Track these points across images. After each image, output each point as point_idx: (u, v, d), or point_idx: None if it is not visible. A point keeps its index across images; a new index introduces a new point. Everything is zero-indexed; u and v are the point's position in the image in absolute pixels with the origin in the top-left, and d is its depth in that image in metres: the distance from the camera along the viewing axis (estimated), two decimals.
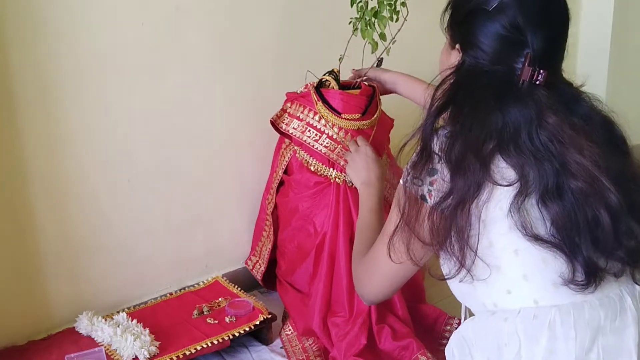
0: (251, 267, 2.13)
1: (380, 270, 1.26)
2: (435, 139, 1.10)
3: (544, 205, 1.05)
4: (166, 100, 1.93)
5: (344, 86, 1.89)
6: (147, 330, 1.76)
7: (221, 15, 1.98)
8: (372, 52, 1.81)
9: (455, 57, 1.19)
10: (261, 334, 1.92)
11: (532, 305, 1.08)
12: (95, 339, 1.76)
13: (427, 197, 1.11)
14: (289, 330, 1.93)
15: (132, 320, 1.80)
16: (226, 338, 1.80)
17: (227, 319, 1.88)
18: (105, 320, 1.81)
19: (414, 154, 1.14)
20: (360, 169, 1.63)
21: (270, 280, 2.11)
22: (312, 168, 1.89)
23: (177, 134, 1.98)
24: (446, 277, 1.14)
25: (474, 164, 1.05)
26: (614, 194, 1.04)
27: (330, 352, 1.85)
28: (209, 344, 1.77)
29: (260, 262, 2.10)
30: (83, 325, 1.80)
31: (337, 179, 1.87)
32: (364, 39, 1.80)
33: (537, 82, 1.09)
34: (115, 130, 1.86)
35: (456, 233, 1.07)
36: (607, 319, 1.07)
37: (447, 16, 1.23)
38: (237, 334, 1.83)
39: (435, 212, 1.09)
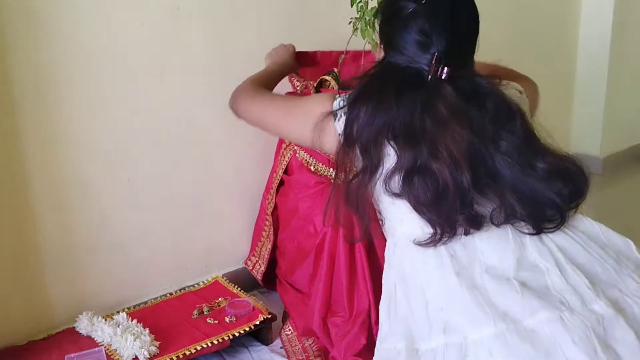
0: (251, 267, 2.13)
1: (262, 112, 1.54)
2: (355, 121, 1.31)
3: (405, 178, 1.25)
4: (166, 100, 1.93)
5: (343, 86, 1.89)
6: (147, 330, 1.76)
7: (221, 15, 1.98)
8: (372, 52, 1.81)
9: (381, 52, 1.39)
10: (261, 334, 1.92)
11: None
12: (95, 339, 1.76)
13: (338, 122, 1.34)
14: (289, 330, 1.93)
15: (132, 320, 1.80)
16: (226, 338, 1.80)
17: (227, 319, 1.88)
18: (105, 320, 1.81)
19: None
20: (275, 54, 1.88)
21: (270, 280, 2.11)
22: (312, 168, 1.89)
23: (177, 133, 1.98)
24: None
25: (372, 148, 1.27)
26: (466, 177, 1.21)
27: (330, 352, 1.85)
28: (209, 344, 1.77)
29: (260, 262, 2.10)
30: (83, 325, 1.80)
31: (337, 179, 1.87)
32: (364, 39, 1.80)
33: (443, 77, 1.26)
34: (115, 130, 1.86)
35: (361, 199, 1.33)
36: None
37: (379, 18, 1.42)
38: (237, 334, 1.83)
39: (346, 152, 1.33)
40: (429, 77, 1.27)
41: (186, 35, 1.92)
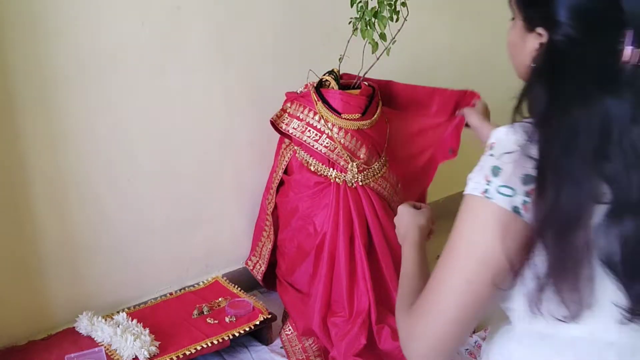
0: (251, 268, 2.13)
1: (442, 316, 0.96)
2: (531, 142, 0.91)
3: (615, 221, 0.88)
4: (166, 100, 1.93)
5: (343, 86, 1.89)
6: (147, 330, 1.76)
7: (221, 15, 1.98)
8: (372, 52, 1.81)
9: (532, 42, 0.98)
10: (261, 334, 1.92)
11: (586, 336, 0.93)
12: (95, 339, 1.76)
13: (522, 209, 0.90)
14: (289, 330, 1.93)
15: (132, 320, 1.80)
16: (226, 338, 1.80)
17: (227, 319, 1.88)
18: (105, 320, 1.81)
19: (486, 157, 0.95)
20: (403, 224, 1.34)
21: (270, 280, 2.11)
22: (312, 168, 1.89)
23: (177, 133, 1.98)
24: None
25: (585, 174, 0.87)
26: None
27: (330, 352, 1.85)
28: (209, 344, 1.77)
29: (260, 262, 2.10)
30: (83, 325, 1.80)
31: (337, 179, 1.87)
32: (364, 39, 1.80)
33: None
34: (115, 130, 1.86)
35: (570, 267, 0.89)
36: None
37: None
38: (237, 334, 1.83)
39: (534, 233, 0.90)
40: (627, 65, 0.88)
41: (186, 35, 1.92)
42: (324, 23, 2.18)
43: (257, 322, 1.87)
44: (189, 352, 1.73)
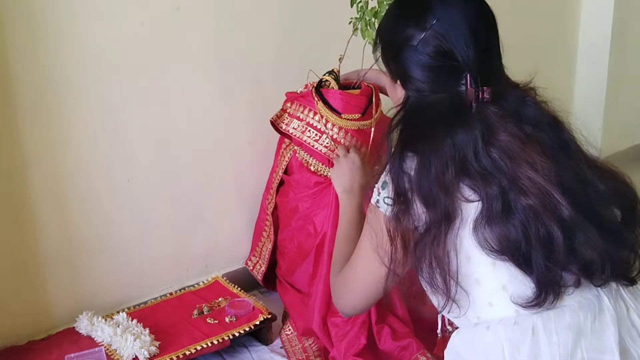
0: (251, 268, 2.13)
1: (356, 281, 1.28)
2: (404, 177, 1.13)
3: (489, 227, 1.07)
4: (166, 100, 1.93)
5: (344, 86, 1.89)
6: (147, 330, 1.76)
7: (221, 15, 1.98)
8: (373, 52, 1.81)
9: (400, 90, 1.21)
10: (261, 334, 1.92)
11: (513, 314, 1.11)
12: (95, 339, 1.76)
13: (383, 193, 1.18)
14: (289, 330, 1.93)
15: (132, 320, 1.80)
16: (226, 338, 1.80)
17: (227, 319, 1.88)
18: (105, 320, 1.81)
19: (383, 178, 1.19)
20: (344, 175, 1.61)
21: (270, 280, 2.11)
22: (312, 168, 1.89)
23: (177, 134, 1.98)
24: (439, 310, 1.18)
25: (441, 197, 1.08)
26: (565, 207, 1.05)
27: (330, 352, 1.85)
28: (209, 344, 1.77)
29: (260, 262, 2.10)
30: (83, 325, 1.80)
31: None
32: (364, 39, 1.80)
33: (485, 100, 1.11)
34: (115, 130, 1.86)
35: (437, 265, 1.10)
36: (587, 320, 1.09)
37: (379, 52, 1.25)
38: (237, 334, 1.83)
39: (409, 232, 1.14)
40: (472, 103, 1.11)
41: (186, 35, 1.92)
42: (324, 23, 2.18)
43: (257, 322, 1.87)
44: (189, 352, 1.73)
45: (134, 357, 1.68)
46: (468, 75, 1.11)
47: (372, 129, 1.86)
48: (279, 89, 1.99)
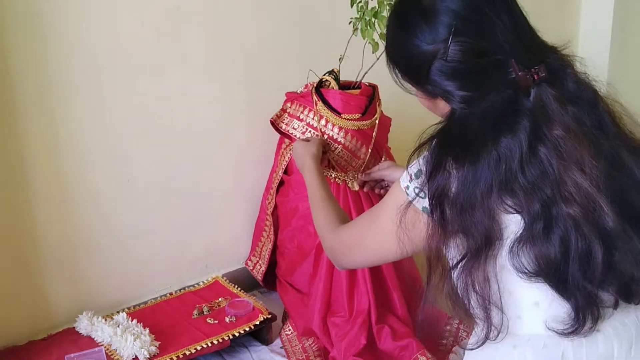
0: (251, 268, 2.13)
1: (366, 250, 1.24)
2: (443, 199, 1.02)
3: (527, 247, 0.99)
4: (166, 100, 1.93)
5: (344, 86, 1.89)
6: (147, 330, 1.76)
7: (221, 15, 1.98)
8: (373, 52, 1.81)
9: (443, 104, 1.09)
10: (261, 334, 1.92)
11: (542, 333, 1.02)
12: (95, 339, 1.76)
13: (419, 200, 1.08)
14: (289, 330, 1.93)
15: (132, 320, 1.80)
16: (226, 338, 1.80)
17: (227, 319, 1.88)
18: (105, 320, 1.81)
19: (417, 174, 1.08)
20: (297, 156, 1.71)
21: (270, 280, 2.11)
22: None
23: (176, 134, 1.98)
24: (471, 346, 1.08)
25: (483, 221, 0.98)
26: (610, 217, 0.96)
27: (330, 352, 1.85)
28: (209, 344, 1.77)
29: (260, 262, 2.10)
30: (83, 325, 1.80)
31: (337, 180, 1.87)
32: (364, 39, 1.80)
33: (541, 79, 0.99)
34: (115, 131, 1.86)
35: (477, 295, 1.01)
36: (621, 350, 1.02)
37: (398, 74, 1.13)
38: (237, 334, 1.83)
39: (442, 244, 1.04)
40: (530, 88, 0.99)
41: (186, 35, 1.92)
42: (324, 23, 2.18)
43: (257, 322, 1.87)
44: (189, 352, 1.73)
45: (134, 357, 1.68)
46: (513, 60, 1.00)
47: (375, 130, 1.86)
48: (279, 89, 1.99)
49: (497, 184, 0.97)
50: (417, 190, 1.06)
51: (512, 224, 1.00)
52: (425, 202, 1.05)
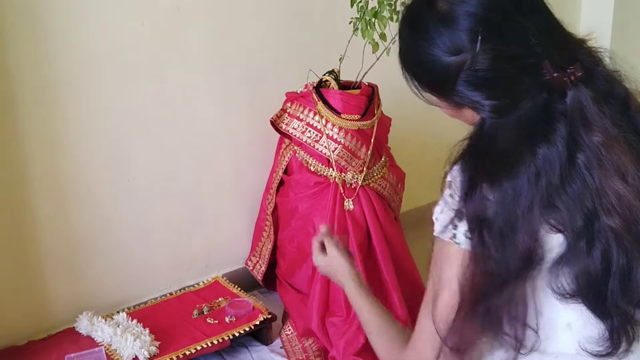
0: (251, 268, 2.13)
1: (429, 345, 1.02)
2: (480, 222, 0.94)
3: (568, 266, 0.93)
4: (166, 100, 1.93)
5: (343, 86, 1.89)
6: (147, 330, 1.76)
7: (221, 15, 1.98)
8: (373, 52, 1.81)
9: (471, 114, 0.99)
10: (261, 334, 1.92)
11: (572, 352, 0.97)
12: (95, 339, 1.76)
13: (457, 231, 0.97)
14: (289, 330, 1.93)
15: (132, 320, 1.80)
16: (226, 338, 1.80)
17: (227, 319, 1.88)
18: (105, 320, 1.81)
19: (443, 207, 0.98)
20: (332, 275, 1.35)
21: (270, 280, 2.11)
22: (312, 168, 1.89)
23: (176, 133, 1.98)
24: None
25: (523, 240, 0.91)
26: None
27: (329, 352, 1.85)
28: (209, 344, 1.77)
29: (260, 262, 2.10)
30: (83, 325, 1.80)
31: (336, 179, 1.87)
32: (364, 39, 1.80)
33: (578, 78, 0.92)
34: (115, 131, 1.86)
35: (511, 317, 0.94)
36: None
37: (418, 86, 1.03)
38: (237, 334, 1.83)
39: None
40: (566, 90, 0.91)
41: (186, 35, 1.92)
42: (324, 23, 2.18)
43: (257, 322, 1.87)
44: (189, 352, 1.73)
45: (134, 357, 1.68)
46: (547, 62, 0.91)
47: (374, 130, 1.86)
48: (279, 89, 1.99)
49: (538, 202, 0.90)
50: (467, 234, 0.94)
51: (555, 244, 0.93)
52: (461, 231, 0.95)
